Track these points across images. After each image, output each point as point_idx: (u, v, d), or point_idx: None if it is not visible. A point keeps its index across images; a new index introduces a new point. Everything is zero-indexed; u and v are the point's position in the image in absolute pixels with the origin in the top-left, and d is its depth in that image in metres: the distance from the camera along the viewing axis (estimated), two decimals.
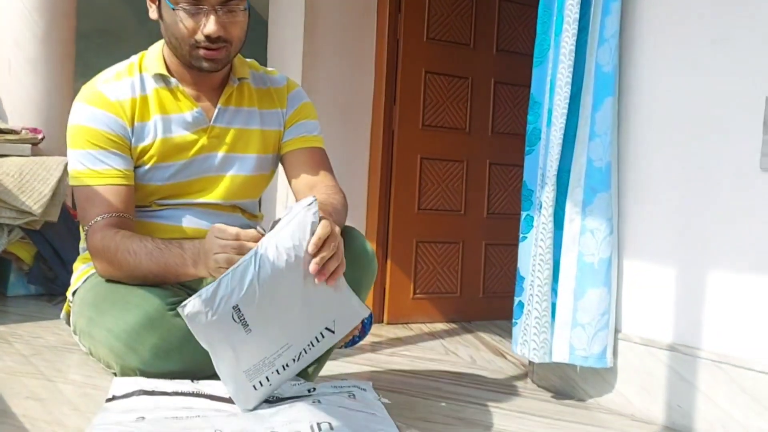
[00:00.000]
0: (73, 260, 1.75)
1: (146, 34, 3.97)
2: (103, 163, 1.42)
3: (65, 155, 2.76)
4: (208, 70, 1.45)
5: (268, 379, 1.24)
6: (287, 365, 1.25)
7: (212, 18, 1.37)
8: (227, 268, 1.16)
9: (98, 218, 1.40)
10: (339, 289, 1.22)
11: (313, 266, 1.15)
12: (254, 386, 1.23)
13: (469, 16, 3.01)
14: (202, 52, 1.40)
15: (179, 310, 1.16)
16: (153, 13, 1.46)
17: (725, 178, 1.62)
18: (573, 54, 1.76)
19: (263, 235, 1.20)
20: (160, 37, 1.50)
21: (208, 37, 1.38)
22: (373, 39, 2.91)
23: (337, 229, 1.20)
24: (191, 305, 1.15)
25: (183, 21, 1.38)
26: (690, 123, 1.69)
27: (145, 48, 1.55)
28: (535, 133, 1.89)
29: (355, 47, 2.88)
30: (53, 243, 2.66)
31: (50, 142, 2.83)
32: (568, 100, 1.78)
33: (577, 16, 1.76)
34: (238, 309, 1.15)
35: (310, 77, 2.78)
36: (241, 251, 1.17)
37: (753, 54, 1.57)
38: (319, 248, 1.15)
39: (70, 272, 1.72)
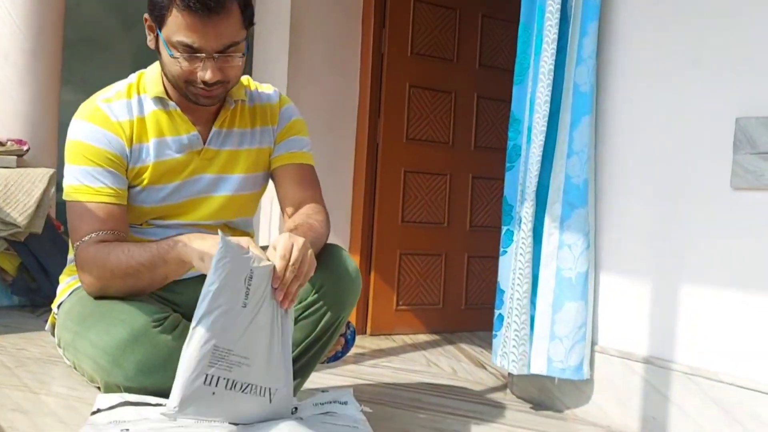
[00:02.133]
0: (57, 272, 1.76)
1: (131, 42, 4.00)
2: (99, 181, 1.42)
3: (50, 167, 2.80)
4: (204, 105, 1.46)
5: (217, 383, 1.20)
6: (234, 385, 1.21)
7: (210, 65, 1.35)
8: None
9: (92, 234, 1.40)
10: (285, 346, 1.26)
11: (278, 293, 1.21)
12: (204, 379, 1.18)
13: (452, 31, 3.05)
14: (199, 91, 1.40)
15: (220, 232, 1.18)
16: (151, 43, 1.44)
17: (698, 196, 1.67)
18: (552, 73, 1.81)
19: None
20: (145, 47, 1.47)
21: (205, 82, 1.37)
22: (358, 53, 2.95)
23: (301, 244, 1.25)
24: (229, 240, 1.18)
25: (180, 64, 1.37)
26: (664, 142, 1.74)
27: (130, 57, 1.54)
28: (515, 149, 1.93)
29: (340, 61, 2.92)
30: (37, 254, 2.66)
31: (36, 154, 2.82)
32: (547, 118, 1.82)
33: (556, 36, 1.81)
34: (251, 278, 1.18)
35: (295, 90, 2.81)
36: None
37: (725, 76, 1.63)
38: (284, 269, 1.21)
39: (53, 283, 1.73)
